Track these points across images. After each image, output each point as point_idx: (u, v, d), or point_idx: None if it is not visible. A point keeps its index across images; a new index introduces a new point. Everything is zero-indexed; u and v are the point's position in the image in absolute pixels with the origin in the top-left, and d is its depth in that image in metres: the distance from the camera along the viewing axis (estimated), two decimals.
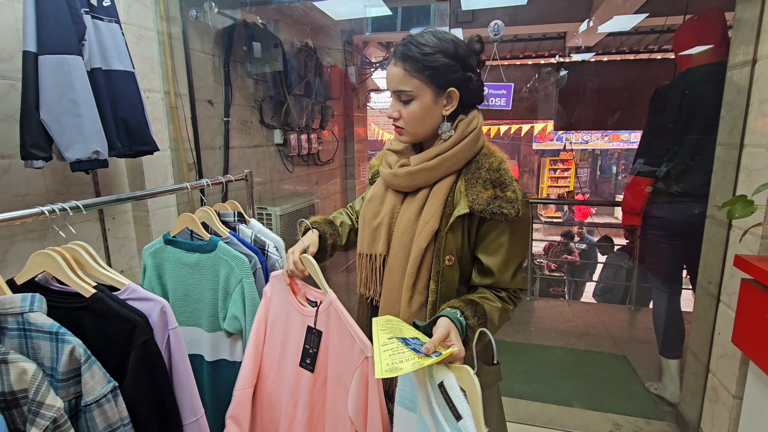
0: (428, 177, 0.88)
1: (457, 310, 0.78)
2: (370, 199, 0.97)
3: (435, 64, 0.82)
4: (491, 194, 0.82)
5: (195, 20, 2.19)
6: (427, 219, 0.86)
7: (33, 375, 0.59)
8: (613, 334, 2.78)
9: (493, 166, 0.86)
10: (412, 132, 0.88)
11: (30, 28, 1.17)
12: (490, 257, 0.85)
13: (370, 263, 0.94)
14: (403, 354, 0.69)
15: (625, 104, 4.36)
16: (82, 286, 0.74)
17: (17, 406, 0.60)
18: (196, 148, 2.26)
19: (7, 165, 1.40)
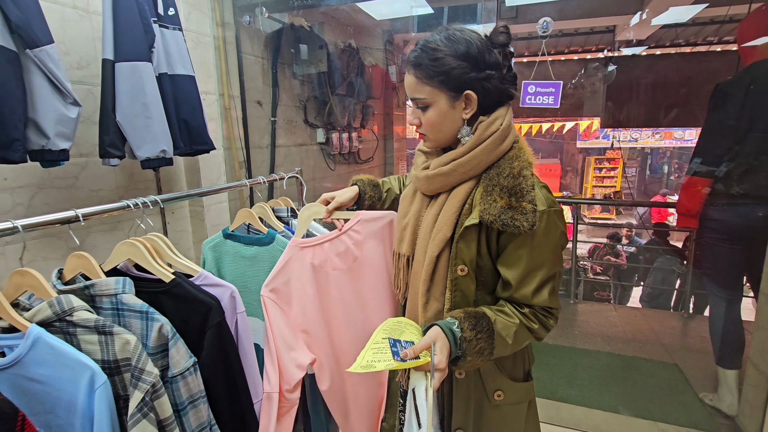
0: (444, 182, 0.85)
1: (456, 321, 0.75)
2: (402, 198, 0.99)
3: (444, 68, 0.78)
4: (505, 204, 0.76)
5: (248, 25, 2.29)
6: (439, 226, 0.83)
7: (135, 345, 0.66)
8: (663, 341, 2.65)
9: (514, 172, 0.79)
10: (433, 138, 0.86)
11: (108, 37, 1.28)
12: (508, 270, 0.79)
13: (399, 261, 0.94)
14: (384, 355, 0.70)
15: (680, 100, 4.12)
16: (163, 273, 0.81)
17: (119, 373, 0.68)
18: (246, 147, 2.37)
19: (84, 163, 1.54)
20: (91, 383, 0.60)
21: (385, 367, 0.66)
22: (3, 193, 1.32)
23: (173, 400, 0.73)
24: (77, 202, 1.52)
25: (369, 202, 1.07)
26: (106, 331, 0.66)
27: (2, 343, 0.63)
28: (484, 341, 0.74)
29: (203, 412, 0.77)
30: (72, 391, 0.59)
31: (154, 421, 0.66)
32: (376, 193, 1.09)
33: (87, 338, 0.67)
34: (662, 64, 4.53)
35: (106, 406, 0.60)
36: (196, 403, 0.76)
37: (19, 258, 1.37)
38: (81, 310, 0.67)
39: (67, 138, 1.15)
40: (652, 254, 4.10)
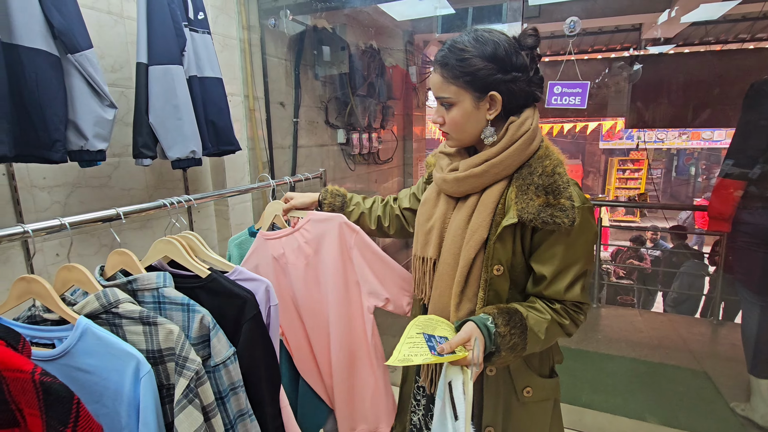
0: (475, 184, 0.85)
1: (489, 317, 0.77)
2: (424, 202, 0.97)
3: (471, 68, 0.79)
4: (543, 202, 0.77)
5: (272, 28, 2.33)
6: (474, 228, 0.83)
7: (178, 335, 0.69)
8: (692, 348, 2.58)
9: (547, 170, 0.80)
10: (456, 138, 0.87)
11: (142, 42, 1.32)
12: (543, 266, 0.81)
13: (423, 266, 0.94)
14: (420, 349, 0.72)
15: (710, 100, 4.00)
16: (200, 268, 0.84)
17: (162, 362, 0.70)
18: (269, 148, 2.40)
19: (117, 162, 1.59)
20: (137, 372, 0.62)
21: (422, 360, 0.68)
22: (42, 192, 1.38)
23: (216, 387, 0.76)
24: (110, 201, 1.57)
25: (328, 209, 1.13)
26: (150, 321, 0.69)
27: (52, 335, 0.66)
28: (518, 336, 0.76)
29: (242, 400, 0.80)
30: (118, 380, 0.62)
31: (198, 407, 0.69)
32: (337, 201, 1.14)
33: (132, 329, 0.69)
34: (691, 63, 4.39)
35: (151, 395, 0.63)
36: (237, 391, 0.79)
37: (56, 254, 1.42)
38: (126, 302, 0.69)
39: (104, 139, 1.19)
40: (679, 258, 3.98)
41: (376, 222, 1.15)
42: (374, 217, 1.15)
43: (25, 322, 0.72)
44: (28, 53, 1.02)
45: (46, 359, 0.63)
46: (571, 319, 0.82)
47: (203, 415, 0.70)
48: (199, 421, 0.68)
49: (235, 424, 0.79)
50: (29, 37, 1.02)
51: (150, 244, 1.81)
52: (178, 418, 0.66)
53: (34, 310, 0.73)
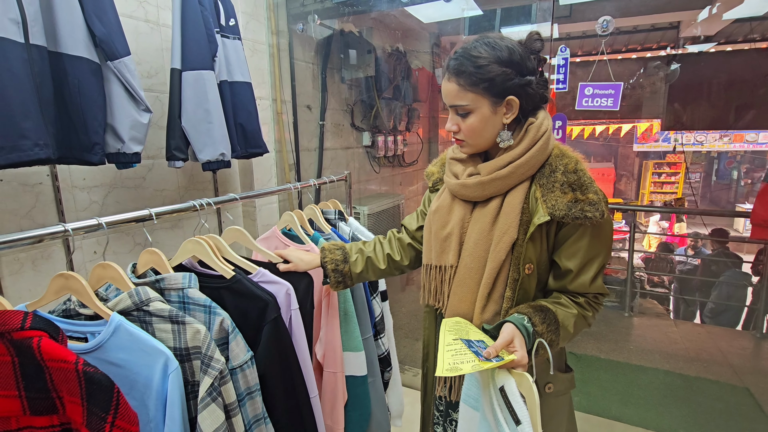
0: (501, 186, 0.85)
1: (524, 316, 0.78)
2: (436, 210, 0.95)
3: (489, 75, 0.80)
4: (571, 198, 0.79)
5: (300, 33, 2.38)
6: (504, 229, 0.84)
7: (204, 335, 0.71)
8: (732, 362, 2.44)
9: (569, 167, 0.83)
10: (473, 144, 0.87)
11: (177, 48, 1.37)
12: (569, 260, 0.83)
13: (440, 274, 0.93)
14: (465, 356, 0.71)
15: (755, 100, 3.79)
16: (225, 269, 0.87)
17: (189, 360, 0.73)
18: (296, 150, 2.44)
19: (151, 164, 1.66)
20: (165, 368, 0.65)
21: (472, 368, 0.67)
22: (82, 192, 1.45)
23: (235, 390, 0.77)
24: (144, 201, 1.64)
25: (332, 266, 1.03)
26: (179, 320, 0.71)
27: (86, 329, 0.69)
28: (553, 333, 0.78)
29: (258, 404, 0.81)
30: (148, 374, 0.65)
31: (221, 405, 0.71)
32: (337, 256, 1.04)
33: (161, 327, 0.72)
34: (734, 62, 4.18)
35: (177, 390, 0.65)
36: (253, 395, 0.80)
37: (94, 252, 1.49)
38: (156, 301, 0.72)
39: (139, 142, 1.24)
40: (719, 266, 3.78)
41: (385, 260, 1.08)
42: (383, 257, 1.08)
43: (59, 316, 0.76)
44: (72, 61, 1.08)
45: (81, 352, 0.66)
46: (594, 310, 0.86)
47: (225, 414, 0.72)
48: (221, 419, 0.70)
49: (251, 429, 0.80)
50: (73, 46, 1.08)
51: (180, 243, 1.88)
52: (202, 414, 0.68)
53: (69, 305, 0.76)
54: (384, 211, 2.92)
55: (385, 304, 1.38)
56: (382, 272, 1.08)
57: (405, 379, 2.21)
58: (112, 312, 0.68)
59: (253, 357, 0.79)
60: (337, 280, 1.03)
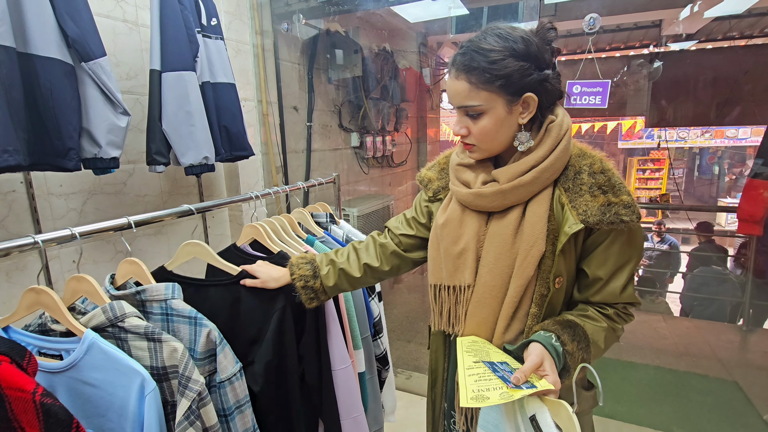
0: (524, 194, 0.76)
1: (552, 334, 0.71)
2: (445, 223, 0.85)
3: (506, 71, 0.71)
4: (603, 201, 0.71)
5: (285, 33, 2.33)
6: (531, 242, 0.75)
7: (182, 353, 0.67)
8: (720, 356, 2.47)
9: (595, 168, 0.74)
10: (485, 149, 0.78)
11: (156, 49, 1.32)
12: (599, 268, 0.75)
13: (454, 295, 0.84)
14: (491, 381, 0.64)
15: (735, 96, 3.85)
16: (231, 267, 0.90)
17: (167, 379, 0.69)
18: (283, 152, 2.40)
19: (131, 169, 1.60)
20: (142, 389, 0.61)
21: (500, 398, 0.60)
22: (59, 199, 1.39)
23: (221, 405, 0.74)
24: (125, 207, 1.58)
25: (301, 283, 0.93)
26: (155, 338, 0.67)
27: (60, 347, 0.65)
28: (584, 351, 0.71)
29: (248, 417, 0.78)
30: (124, 395, 0.61)
31: (200, 429, 0.67)
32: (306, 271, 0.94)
33: (137, 344, 0.68)
34: (714, 59, 4.26)
35: (155, 413, 0.61)
36: (243, 408, 0.77)
37: (73, 261, 1.43)
38: (132, 317, 0.68)
39: (117, 146, 1.19)
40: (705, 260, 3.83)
41: (361, 269, 0.98)
42: (357, 266, 0.98)
43: (35, 330, 0.71)
44: (43, 62, 1.03)
45: (53, 371, 0.62)
46: (624, 322, 0.79)
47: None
48: None
49: None
50: (44, 47, 1.03)
51: (165, 250, 1.82)
52: None
53: (45, 319, 0.72)
54: (374, 213, 2.89)
55: (380, 305, 1.37)
56: (357, 281, 0.98)
57: (397, 382, 2.19)
58: (86, 329, 0.64)
59: (242, 368, 0.77)
60: (309, 297, 0.94)
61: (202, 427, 0.68)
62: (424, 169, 0.97)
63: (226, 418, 0.75)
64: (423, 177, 0.96)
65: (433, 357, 0.96)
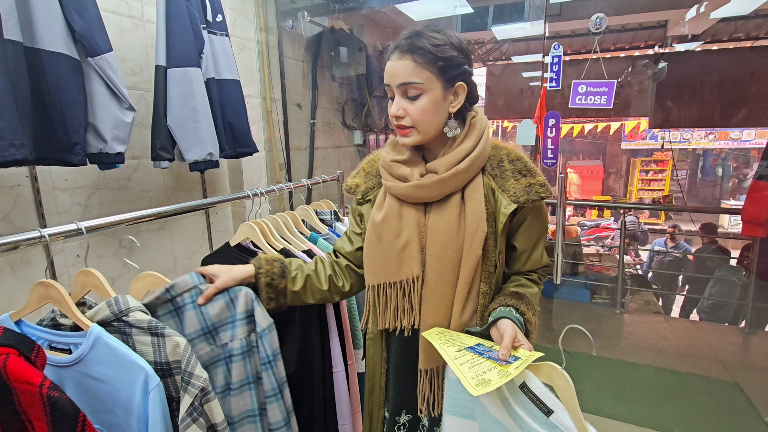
0: (461, 181, 0.83)
1: (511, 308, 0.79)
2: (384, 220, 0.86)
3: (446, 55, 0.78)
4: (525, 183, 0.82)
5: (290, 30, 2.33)
6: (475, 224, 0.81)
7: (184, 348, 0.67)
8: (722, 357, 2.46)
9: (512, 156, 0.86)
10: (422, 130, 0.81)
11: (161, 45, 1.32)
12: (525, 241, 0.86)
13: (400, 290, 0.85)
14: (482, 365, 0.67)
15: (740, 98, 3.84)
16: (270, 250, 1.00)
17: (171, 375, 0.69)
18: (287, 149, 2.40)
19: (136, 165, 1.61)
20: (146, 385, 0.61)
21: (502, 378, 0.64)
22: (63, 194, 1.39)
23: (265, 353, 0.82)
24: (129, 203, 1.59)
25: (266, 279, 0.88)
26: (158, 332, 0.67)
27: (69, 341, 0.65)
28: (535, 315, 0.81)
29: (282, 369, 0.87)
30: (129, 391, 0.61)
31: (203, 426, 0.66)
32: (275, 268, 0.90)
33: (141, 339, 0.68)
34: (720, 60, 4.24)
35: (159, 409, 0.61)
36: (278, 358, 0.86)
37: (77, 255, 1.44)
38: (136, 311, 0.68)
39: (122, 141, 1.19)
40: (711, 262, 3.82)
41: (327, 281, 0.96)
42: (325, 277, 0.96)
43: (48, 324, 0.72)
44: (50, 57, 1.03)
45: (62, 365, 0.62)
46: (544, 280, 0.92)
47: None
48: None
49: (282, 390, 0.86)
50: (51, 41, 1.04)
51: (168, 245, 1.83)
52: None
53: (56, 313, 0.72)
54: None
55: None
56: (322, 294, 0.95)
57: None
58: (91, 323, 0.64)
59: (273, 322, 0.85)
60: (269, 297, 0.88)
61: (207, 424, 0.68)
62: (348, 178, 1.00)
63: (270, 364, 0.82)
64: (350, 185, 0.98)
65: (370, 363, 0.96)
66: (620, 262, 3.16)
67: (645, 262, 5.22)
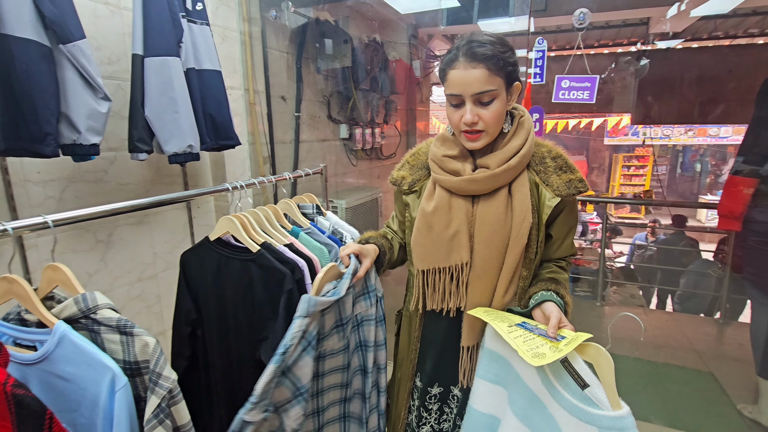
0: (510, 176, 0.88)
1: (552, 292, 0.86)
2: (435, 210, 0.92)
3: (512, 60, 0.84)
4: (566, 179, 0.88)
5: (274, 20, 2.29)
6: (522, 215, 0.87)
7: (153, 348, 0.65)
8: (697, 348, 2.54)
9: (553, 154, 0.91)
10: (491, 133, 0.87)
11: (138, 33, 1.28)
12: (560, 231, 0.93)
13: (449, 275, 0.92)
14: (534, 340, 0.74)
15: (718, 95, 3.93)
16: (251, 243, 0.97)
17: (140, 374, 0.67)
18: (271, 142, 2.37)
19: (113, 157, 1.56)
20: (112, 385, 0.59)
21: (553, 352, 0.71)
22: (36, 186, 1.35)
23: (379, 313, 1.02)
24: (106, 196, 1.54)
25: (389, 255, 1.05)
26: (127, 331, 0.65)
27: (35, 338, 0.63)
28: (570, 298, 0.88)
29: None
30: (95, 390, 0.59)
31: (169, 428, 0.65)
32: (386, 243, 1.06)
33: (110, 337, 0.66)
34: (699, 58, 4.32)
35: (125, 409, 0.60)
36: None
37: (50, 250, 1.40)
38: (105, 309, 0.66)
39: (97, 132, 1.16)
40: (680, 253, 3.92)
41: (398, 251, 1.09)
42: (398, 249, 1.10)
43: (14, 320, 0.69)
44: (18, 43, 0.99)
45: (27, 362, 0.60)
46: (569, 269, 0.99)
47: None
48: None
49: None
50: (19, 27, 0.99)
51: (148, 240, 1.79)
52: None
53: (21, 308, 0.70)
54: (362, 205, 2.88)
55: None
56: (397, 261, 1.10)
57: None
58: (57, 320, 0.62)
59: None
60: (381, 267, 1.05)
61: (173, 426, 0.66)
62: (394, 171, 1.06)
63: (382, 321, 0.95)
64: (395, 178, 1.05)
65: (403, 338, 1.07)
66: (601, 256, 3.22)
67: (627, 256, 5.34)
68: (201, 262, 1.04)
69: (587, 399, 0.69)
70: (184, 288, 1.05)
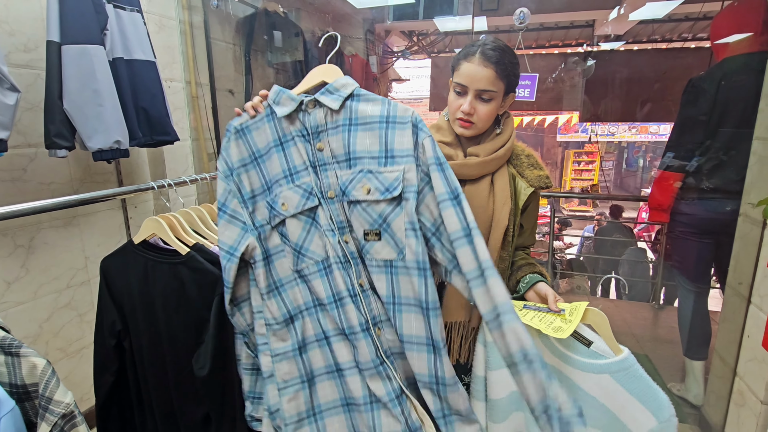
0: (495, 165, 1.01)
1: (537, 274, 0.99)
2: None
3: (516, 71, 0.97)
4: (537, 174, 1.02)
5: (216, 9, 2.19)
6: (503, 200, 0.99)
7: (42, 370, 0.60)
8: (634, 332, 2.71)
9: (526, 152, 1.06)
10: (480, 127, 0.99)
11: (53, 18, 1.18)
12: (528, 221, 1.05)
13: None
14: (546, 318, 0.85)
15: (655, 95, 4.18)
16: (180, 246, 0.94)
17: (29, 399, 0.61)
18: (217, 138, 2.27)
19: (33, 154, 1.44)
20: None
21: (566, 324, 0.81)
22: None
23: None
24: (26, 196, 1.42)
25: None
26: (12, 351, 0.60)
27: None
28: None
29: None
30: None
31: None
32: None
33: None
34: (639, 60, 4.58)
35: None
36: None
37: None
38: None
39: (4, 127, 1.06)
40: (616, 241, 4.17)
41: None
42: None
43: None
44: None
45: None
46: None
47: None
48: None
49: None
50: None
51: (77, 243, 1.67)
52: None
53: None
54: None
55: None
56: None
57: None
58: None
59: None
60: None
61: None
62: None
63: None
64: None
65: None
66: (550, 247, 3.36)
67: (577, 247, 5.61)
68: (125, 267, 0.97)
69: (594, 354, 0.82)
70: (106, 297, 0.98)
